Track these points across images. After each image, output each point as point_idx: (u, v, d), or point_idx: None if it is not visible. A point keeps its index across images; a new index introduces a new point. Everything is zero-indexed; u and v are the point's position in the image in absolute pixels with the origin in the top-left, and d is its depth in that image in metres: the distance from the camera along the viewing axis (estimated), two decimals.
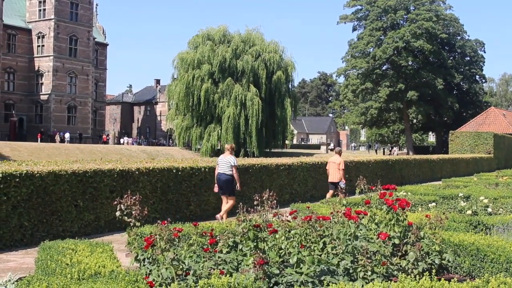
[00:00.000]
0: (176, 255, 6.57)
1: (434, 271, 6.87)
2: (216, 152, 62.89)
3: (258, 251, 6.72)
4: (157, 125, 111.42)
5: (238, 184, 15.79)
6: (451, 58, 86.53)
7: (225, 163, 15.65)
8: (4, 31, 76.56)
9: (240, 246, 7.40)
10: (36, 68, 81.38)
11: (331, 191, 19.21)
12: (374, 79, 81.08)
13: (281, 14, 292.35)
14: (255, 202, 8.68)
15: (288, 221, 8.08)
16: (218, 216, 15.57)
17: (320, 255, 7.09)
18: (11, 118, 76.90)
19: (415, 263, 7.37)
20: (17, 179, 11.68)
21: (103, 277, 6.35)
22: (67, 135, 76.84)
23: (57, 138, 74.54)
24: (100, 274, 6.49)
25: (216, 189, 15.94)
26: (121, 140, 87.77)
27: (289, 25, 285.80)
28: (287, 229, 7.59)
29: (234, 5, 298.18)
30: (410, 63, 79.93)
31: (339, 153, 20.00)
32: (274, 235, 7.39)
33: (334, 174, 19.46)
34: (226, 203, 15.81)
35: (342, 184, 18.69)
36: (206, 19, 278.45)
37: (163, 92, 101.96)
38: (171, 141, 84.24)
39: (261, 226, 7.26)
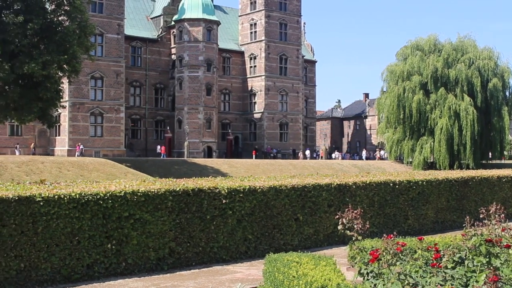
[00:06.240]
0: (402, 269, 6.46)
1: None
2: (429, 165, 61.28)
3: (491, 267, 6.40)
4: (367, 139, 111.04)
5: None
6: None
7: None
8: (220, 55, 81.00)
9: (466, 262, 7.10)
10: (249, 88, 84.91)
11: None
12: None
13: (495, 19, 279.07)
14: (481, 216, 8.30)
15: None
16: None
17: None
18: (228, 137, 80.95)
19: None
20: (241, 194, 12.21)
21: None
22: (307, 152, 79.84)
23: (300, 155, 77.57)
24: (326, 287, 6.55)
25: None
26: (332, 155, 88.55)
27: (504, 29, 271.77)
28: None
29: (443, 13, 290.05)
30: None
31: None
32: (507, 250, 7.00)
33: None
34: None
35: None
36: (413, 29, 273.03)
37: (372, 105, 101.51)
38: (383, 154, 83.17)
39: (493, 241, 6.91)
